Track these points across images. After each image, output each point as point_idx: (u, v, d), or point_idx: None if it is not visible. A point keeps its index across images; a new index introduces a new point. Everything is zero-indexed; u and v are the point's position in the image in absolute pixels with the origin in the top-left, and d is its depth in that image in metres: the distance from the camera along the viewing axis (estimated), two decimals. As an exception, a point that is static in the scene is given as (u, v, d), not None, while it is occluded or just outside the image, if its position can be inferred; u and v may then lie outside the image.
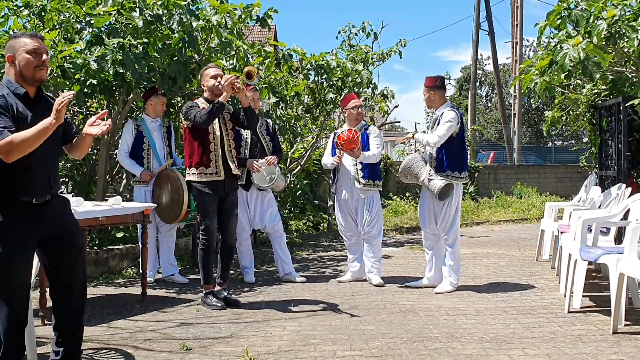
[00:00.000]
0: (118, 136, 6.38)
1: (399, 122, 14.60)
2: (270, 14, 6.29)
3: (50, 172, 3.11)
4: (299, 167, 9.09)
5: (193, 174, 4.81)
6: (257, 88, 5.93)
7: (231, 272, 5.53)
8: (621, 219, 4.99)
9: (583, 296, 4.63)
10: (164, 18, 5.58)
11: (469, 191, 14.90)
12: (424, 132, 5.80)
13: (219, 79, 4.78)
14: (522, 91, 10.03)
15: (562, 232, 5.66)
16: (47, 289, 4.51)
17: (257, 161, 5.57)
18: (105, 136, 6.14)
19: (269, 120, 6.05)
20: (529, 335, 3.92)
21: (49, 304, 3.63)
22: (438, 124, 5.21)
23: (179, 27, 5.58)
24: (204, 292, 4.89)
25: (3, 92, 2.98)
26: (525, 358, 3.47)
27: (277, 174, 5.63)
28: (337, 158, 5.62)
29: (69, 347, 3.23)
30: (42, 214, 3.06)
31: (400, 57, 9.62)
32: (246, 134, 5.70)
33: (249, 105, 4.86)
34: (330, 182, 6.02)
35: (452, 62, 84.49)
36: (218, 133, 4.82)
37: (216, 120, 4.77)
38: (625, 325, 4.04)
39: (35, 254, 3.15)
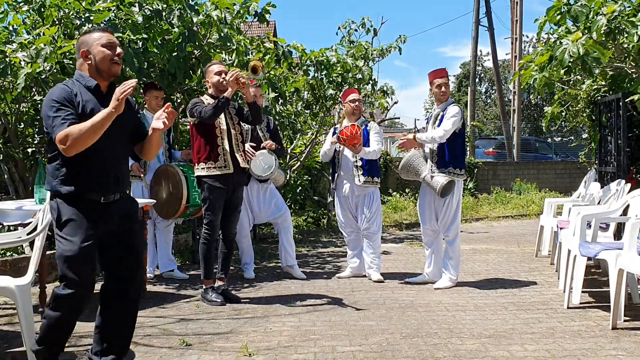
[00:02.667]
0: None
1: (399, 118, 14.60)
2: (268, 9, 6.28)
3: (118, 171, 3.06)
4: (299, 163, 9.08)
5: (202, 169, 4.81)
6: (260, 84, 5.92)
7: (231, 268, 5.53)
8: (620, 215, 5.00)
9: (582, 292, 4.64)
10: (164, 13, 5.57)
11: (468, 187, 14.90)
12: (423, 128, 5.78)
13: (223, 75, 4.78)
14: (522, 87, 10.01)
15: (561, 228, 5.67)
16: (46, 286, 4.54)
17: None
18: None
19: (270, 117, 6.04)
20: (528, 331, 3.93)
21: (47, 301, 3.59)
22: (441, 119, 5.21)
23: (179, 22, 5.57)
24: (203, 287, 4.90)
25: (72, 85, 2.95)
26: (524, 353, 3.48)
27: (275, 164, 5.60)
28: (335, 138, 5.50)
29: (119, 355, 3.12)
30: (110, 213, 3.02)
31: (400, 53, 9.62)
32: (246, 131, 5.69)
33: (253, 101, 4.86)
34: (330, 178, 6.02)
35: (451, 58, 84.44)
36: (224, 127, 4.82)
37: (222, 114, 4.77)
38: (625, 320, 4.05)
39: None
